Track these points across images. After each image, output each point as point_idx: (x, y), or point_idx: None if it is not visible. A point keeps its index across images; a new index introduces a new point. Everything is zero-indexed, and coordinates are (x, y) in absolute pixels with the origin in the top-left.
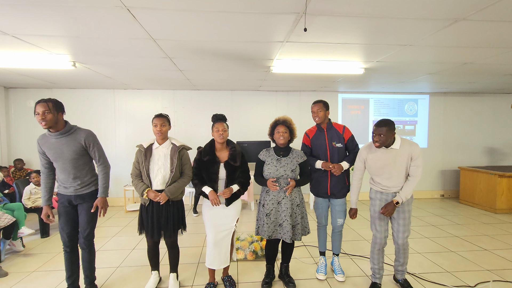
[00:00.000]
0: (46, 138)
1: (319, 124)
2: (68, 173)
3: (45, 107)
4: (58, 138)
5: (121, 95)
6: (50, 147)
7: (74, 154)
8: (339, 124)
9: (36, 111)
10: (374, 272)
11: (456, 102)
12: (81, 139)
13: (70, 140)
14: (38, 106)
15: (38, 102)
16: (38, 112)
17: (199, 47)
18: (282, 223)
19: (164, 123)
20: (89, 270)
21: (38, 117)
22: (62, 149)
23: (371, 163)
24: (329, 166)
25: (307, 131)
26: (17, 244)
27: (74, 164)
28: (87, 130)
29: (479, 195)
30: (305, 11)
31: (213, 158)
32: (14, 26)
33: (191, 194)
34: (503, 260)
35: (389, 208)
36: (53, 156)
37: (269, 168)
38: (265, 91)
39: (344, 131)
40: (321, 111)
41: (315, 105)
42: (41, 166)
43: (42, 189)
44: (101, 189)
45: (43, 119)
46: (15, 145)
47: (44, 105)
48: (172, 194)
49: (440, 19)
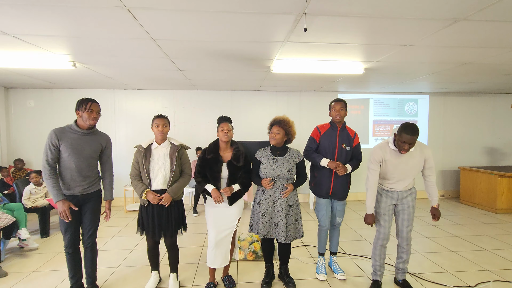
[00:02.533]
0: (67, 132)
1: (335, 123)
2: (80, 171)
3: (99, 108)
4: (83, 135)
5: (121, 95)
6: (70, 142)
7: (93, 153)
8: (351, 129)
9: (90, 108)
10: (375, 269)
11: (456, 102)
12: (103, 141)
13: (93, 139)
14: (96, 105)
15: (93, 102)
16: (92, 109)
17: (199, 47)
18: (277, 222)
19: (166, 123)
20: (91, 269)
21: (91, 115)
22: (84, 146)
23: (387, 164)
24: (335, 166)
25: (319, 126)
26: (30, 242)
27: (89, 163)
28: (106, 134)
29: (479, 195)
30: (305, 11)
31: (216, 157)
32: (14, 26)
33: (191, 194)
34: (504, 260)
35: (438, 214)
36: (70, 151)
37: (265, 167)
38: (265, 91)
39: (355, 136)
40: (343, 110)
41: (338, 103)
42: (46, 161)
43: (49, 186)
44: (110, 191)
45: (95, 117)
46: (15, 145)
47: (98, 105)
48: (175, 194)
49: (440, 19)
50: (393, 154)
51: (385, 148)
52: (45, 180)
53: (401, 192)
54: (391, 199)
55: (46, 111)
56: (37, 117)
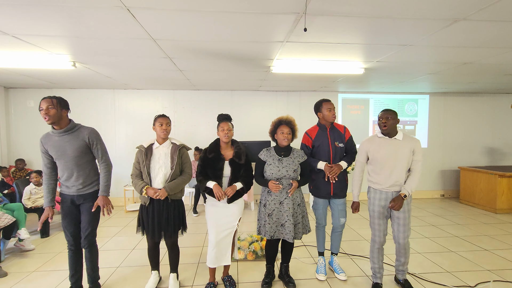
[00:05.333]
0: (49, 136)
1: (323, 124)
2: (71, 171)
3: (49, 103)
4: (62, 135)
5: (121, 95)
6: (53, 145)
7: (77, 152)
8: (339, 124)
9: (40, 106)
10: (375, 271)
11: (456, 102)
12: (85, 137)
13: (74, 137)
14: (43, 102)
15: (43, 99)
16: (42, 108)
17: (199, 47)
18: (284, 223)
19: (169, 122)
20: (91, 269)
21: (42, 113)
22: (65, 146)
23: (374, 152)
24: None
25: (308, 131)
26: (26, 244)
27: (77, 162)
28: (90, 128)
29: (479, 195)
30: (305, 11)
31: (218, 155)
32: (14, 26)
33: (191, 194)
34: (504, 260)
35: (398, 202)
36: (56, 154)
37: (271, 168)
38: (265, 91)
39: (345, 131)
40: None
41: (330, 103)
42: (44, 166)
43: (44, 190)
44: (102, 187)
45: (46, 113)
46: (15, 145)
47: (48, 101)
48: (171, 190)
49: (440, 19)
50: (382, 142)
51: (373, 139)
52: (43, 184)
53: (393, 194)
54: (385, 201)
55: None
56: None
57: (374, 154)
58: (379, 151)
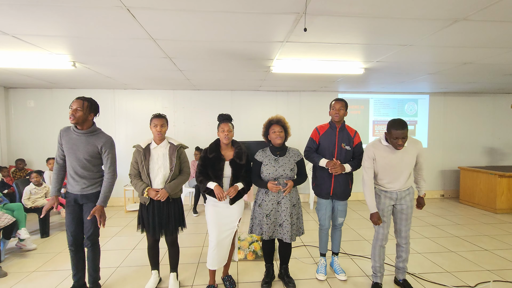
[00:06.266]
0: (69, 131)
1: (334, 123)
2: (76, 171)
3: (79, 105)
4: (80, 136)
5: (121, 95)
6: (68, 141)
7: (87, 155)
8: (351, 128)
9: (71, 105)
10: (375, 270)
11: (456, 102)
12: (99, 143)
13: (90, 141)
14: (74, 102)
15: (77, 98)
16: (71, 107)
17: (199, 47)
18: (282, 223)
19: (164, 123)
20: (93, 269)
21: (70, 111)
22: (79, 147)
23: (380, 159)
24: (332, 165)
25: (318, 127)
26: (27, 243)
27: (84, 164)
28: (108, 136)
29: (479, 195)
30: (305, 11)
31: (218, 156)
32: (14, 26)
33: (191, 194)
34: (503, 260)
35: (422, 202)
36: (67, 150)
37: (267, 168)
38: (265, 91)
39: (355, 135)
40: (343, 109)
41: (338, 103)
42: (57, 157)
43: (52, 180)
44: (101, 197)
45: (73, 114)
46: (14, 145)
47: (79, 102)
48: (172, 190)
49: (440, 19)
50: (387, 151)
51: (377, 145)
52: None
53: (400, 192)
54: (389, 200)
55: (46, 111)
56: (37, 117)
57: (380, 161)
58: (385, 159)
